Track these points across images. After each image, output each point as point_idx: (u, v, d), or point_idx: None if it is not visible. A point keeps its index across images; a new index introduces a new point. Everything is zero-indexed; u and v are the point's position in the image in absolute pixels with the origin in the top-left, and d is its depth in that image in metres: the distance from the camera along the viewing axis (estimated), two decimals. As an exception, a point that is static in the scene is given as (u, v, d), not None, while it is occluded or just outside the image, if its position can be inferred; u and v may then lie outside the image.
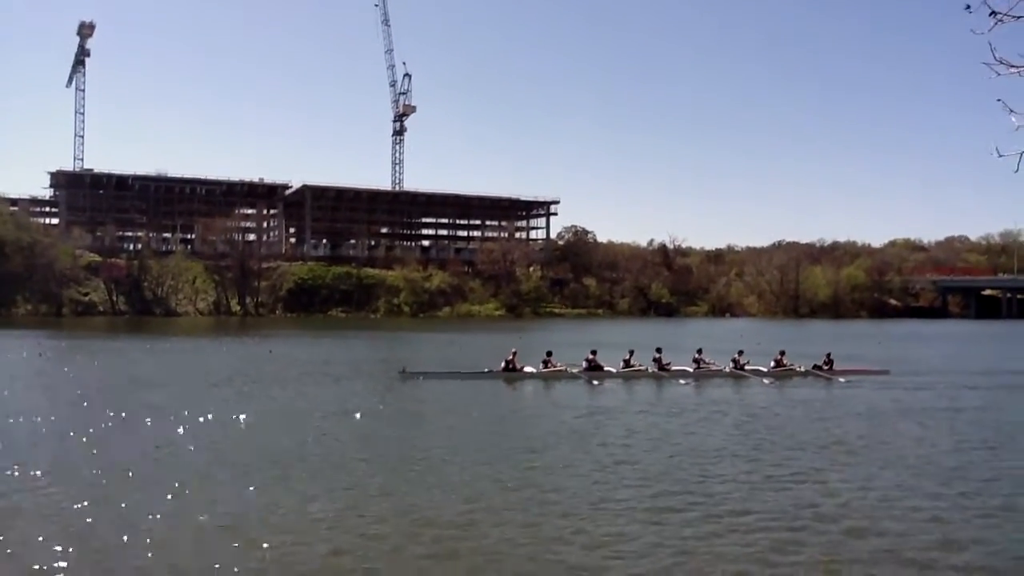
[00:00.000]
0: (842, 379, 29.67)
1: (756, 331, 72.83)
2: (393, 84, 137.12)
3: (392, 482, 12.87)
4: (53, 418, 18.88)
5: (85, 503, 11.24)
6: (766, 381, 29.16)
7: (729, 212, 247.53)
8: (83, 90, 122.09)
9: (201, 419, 18.44)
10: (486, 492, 12.32)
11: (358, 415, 19.64)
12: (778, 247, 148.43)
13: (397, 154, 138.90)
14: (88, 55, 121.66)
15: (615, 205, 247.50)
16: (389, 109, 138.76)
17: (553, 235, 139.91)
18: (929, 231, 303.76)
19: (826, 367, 31.30)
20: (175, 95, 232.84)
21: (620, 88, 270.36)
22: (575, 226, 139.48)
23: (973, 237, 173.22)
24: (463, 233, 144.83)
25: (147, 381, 27.21)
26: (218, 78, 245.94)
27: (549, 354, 29.84)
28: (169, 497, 11.61)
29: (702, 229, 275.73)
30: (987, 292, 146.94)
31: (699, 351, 31.58)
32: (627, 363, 30.03)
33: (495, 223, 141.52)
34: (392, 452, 15.49)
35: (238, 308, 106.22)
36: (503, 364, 28.96)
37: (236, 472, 13.36)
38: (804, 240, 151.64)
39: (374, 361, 36.34)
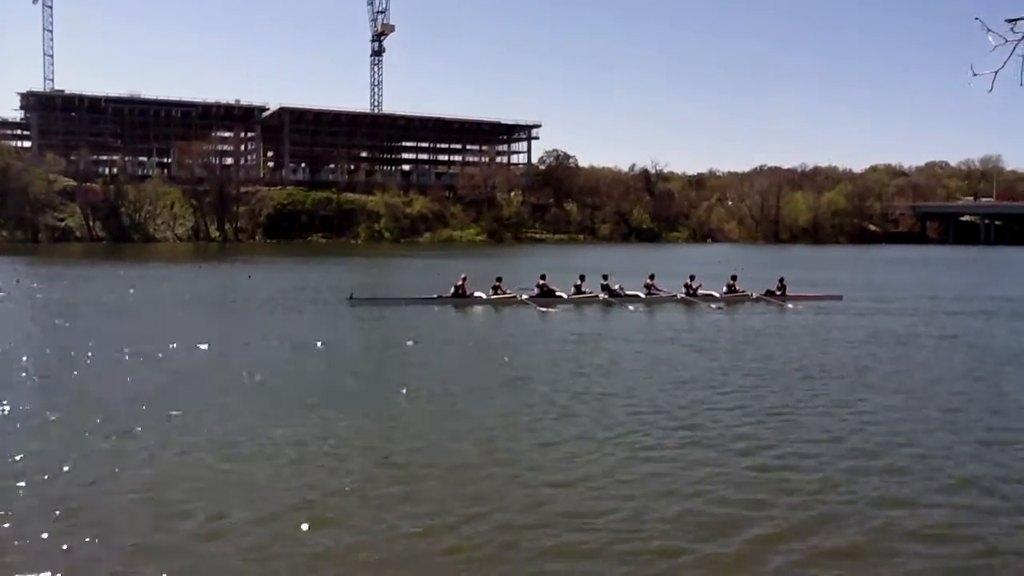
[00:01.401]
0: (790, 305, 29.79)
1: (736, 256, 73.17)
2: (371, 2, 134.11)
3: (328, 412, 12.73)
4: (12, 346, 18.77)
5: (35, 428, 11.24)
6: (713, 306, 29.27)
7: (711, 137, 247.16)
8: (51, 6, 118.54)
9: (171, 345, 18.38)
10: (417, 421, 12.39)
11: (319, 343, 19.39)
12: (760, 172, 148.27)
13: (376, 75, 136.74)
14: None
15: (597, 129, 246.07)
16: (367, 28, 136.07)
17: (535, 159, 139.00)
18: (910, 156, 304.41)
19: (779, 292, 31.47)
20: (146, 14, 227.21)
21: (603, 11, 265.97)
22: (557, 150, 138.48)
23: (953, 163, 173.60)
24: (444, 157, 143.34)
25: (121, 308, 27.03)
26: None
27: (499, 280, 29.90)
28: (117, 425, 11.61)
29: (684, 154, 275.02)
30: (966, 218, 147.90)
31: (651, 277, 31.55)
32: (578, 289, 30.01)
33: (476, 147, 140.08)
34: (332, 382, 15.43)
35: (217, 234, 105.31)
36: (452, 290, 28.94)
37: (195, 399, 13.33)
38: (786, 165, 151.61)
39: (355, 287, 36.09)
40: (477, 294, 29.15)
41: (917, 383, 15.71)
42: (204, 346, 18.68)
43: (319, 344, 19.28)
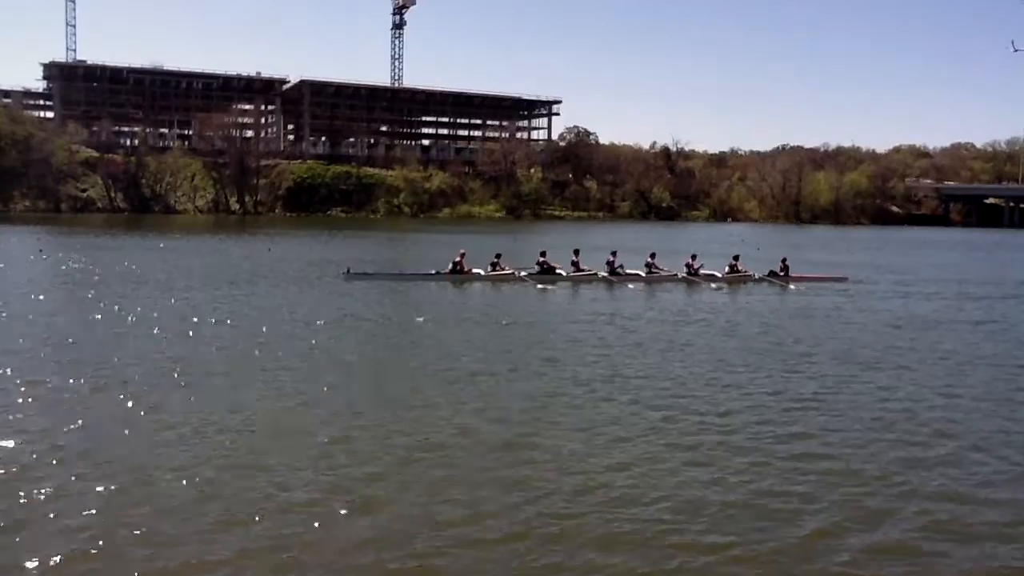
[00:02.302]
0: (792, 286, 29.33)
1: (757, 236, 72.75)
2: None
3: (311, 389, 12.77)
4: (30, 315, 18.93)
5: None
6: (713, 286, 28.99)
7: (733, 115, 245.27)
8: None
9: (192, 319, 18.48)
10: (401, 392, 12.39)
11: (320, 321, 19.19)
12: (781, 151, 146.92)
13: (396, 49, 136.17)
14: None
15: (618, 106, 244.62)
16: (388, 1, 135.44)
17: (555, 136, 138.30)
18: (935, 137, 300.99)
19: (782, 273, 30.93)
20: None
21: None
22: (577, 127, 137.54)
23: (979, 144, 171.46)
24: (464, 133, 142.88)
25: (140, 279, 27.12)
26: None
27: (498, 256, 29.72)
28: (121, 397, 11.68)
29: (706, 132, 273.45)
30: (990, 200, 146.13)
31: (652, 255, 31.26)
32: (576, 266, 29.79)
33: (496, 123, 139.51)
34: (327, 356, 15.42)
35: (237, 207, 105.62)
36: (451, 266, 28.76)
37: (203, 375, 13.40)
38: (808, 145, 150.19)
39: (376, 261, 36.11)
40: (476, 270, 28.95)
41: (945, 368, 15.44)
42: (230, 320, 18.76)
43: (324, 321, 19.14)
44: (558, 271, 29.34)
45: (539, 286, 27.26)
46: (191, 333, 17.20)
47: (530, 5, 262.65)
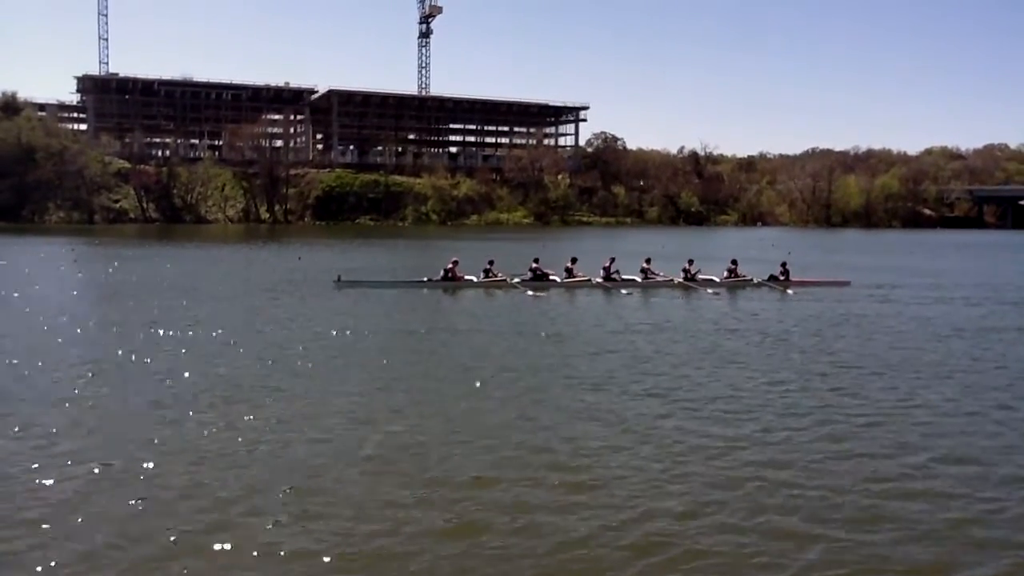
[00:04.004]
0: (790, 291, 28.46)
1: (787, 240, 72.27)
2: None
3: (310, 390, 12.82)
4: (64, 319, 19.18)
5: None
6: (710, 291, 28.17)
7: (762, 119, 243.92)
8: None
9: (227, 327, 18.64)
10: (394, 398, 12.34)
11: (333, 331, 18.98)
12: (811, 155, 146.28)
13: (423, 57, 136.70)
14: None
15: (645, 112, 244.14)
16: (415, 10, 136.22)
17: (582, 142, 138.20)
18: (967, 139, 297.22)
19: (782, 277, 30.16)
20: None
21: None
22: (604, 133, 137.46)
23: (1013, 145, 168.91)
24: (491, 140, 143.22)
25: (173, 287, 27.36)
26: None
27: (491, 263, 29.36)
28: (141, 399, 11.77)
29: (734, 136, 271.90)
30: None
31: (647, 260, 30.57)
32: (570, 272, 29.37)
33: (523, 130, 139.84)
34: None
35: (267, 215, 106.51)
36: (442, 273, 28.46)
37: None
38: (838, 148, 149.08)
39: (402, 269, 36.22)
40: (468, 278, 28.59)
41: (981, 379, 14.84)
42: (268, 328, 18.90)
43: (350, 331, 19.24)
44: (551, 277, 28.94)
45: (529, 292, 26.83)
46: (228, 341, 17.34)
47: (557, 12, 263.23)
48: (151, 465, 9.22)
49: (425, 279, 28.62)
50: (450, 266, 28.56)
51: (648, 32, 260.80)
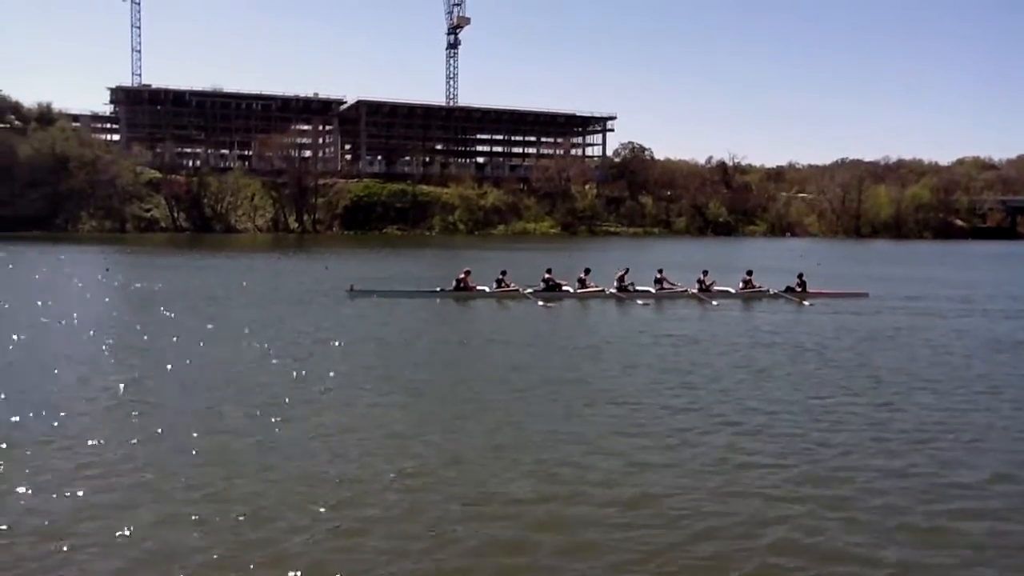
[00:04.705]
0: (807, 302, 27.95)
1: (816, 250, 71.70)
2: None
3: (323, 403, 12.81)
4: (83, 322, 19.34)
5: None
6: (715, 303, 27.62)
7: (791, 128, 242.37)
8: (139, 3, 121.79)
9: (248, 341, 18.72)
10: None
11: (338, 342, 19.07)
12: (841, 165, 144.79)
13: (451, 68, 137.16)
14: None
15: (673, 122, 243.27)
16: (443, 21, 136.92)
17: (609, 152, 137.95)
18: (1000, 149, 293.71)
19: (799, 288, 29.77)
20: (227, 8, 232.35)
21: (679, 2, 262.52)
22: (632, 143, 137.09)
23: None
24: (518, 150, 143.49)
25: (206, 296, 27.54)
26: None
27: (503, 273, 29.23)
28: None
29: (763, 146, 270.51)
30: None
31: (660, 271, 30.25)
32: (583, 283, 29.18)
33: (551, 140, 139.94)
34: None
35: (295, 225, 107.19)
36: (454, 283, 28.37)
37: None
38: (868, 158, 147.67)
39: (428, 279, 36.25)
40: (480, 287, 28.46)
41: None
42: (298, 339, 18.94)
43: (338, 342, 19.26)
44: (564, 288, 28.76)
45: (539, 303, 26.59)
46: (252, 344, 17.42)
47: (584, 22, 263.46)
48: (189, 477, 9.22)
49: (438, 289, 28.60)
50: (462, 276, 28.52)
51: (676, 42, 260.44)
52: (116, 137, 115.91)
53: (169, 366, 15.22)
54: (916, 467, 10.06)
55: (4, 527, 7.74)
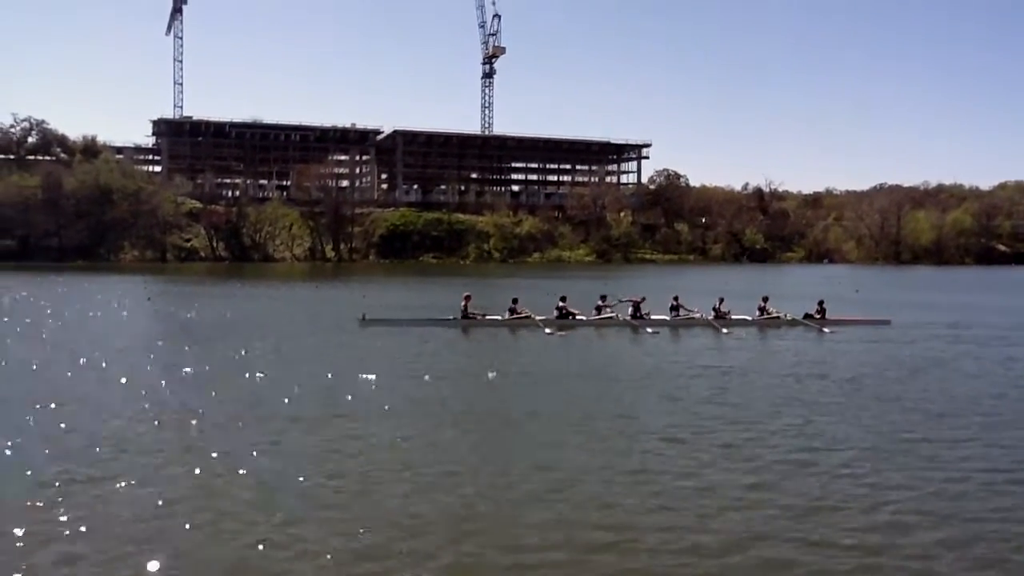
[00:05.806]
0: (827, 329, 27.30)
1: (855, 277, 70.88)
2: (482, 25, 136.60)
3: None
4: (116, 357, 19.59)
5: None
6: (725, 331, 26.89)
7: (828, 154, 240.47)
8: (181, 37, 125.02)
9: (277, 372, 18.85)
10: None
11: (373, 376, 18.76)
12: (879, 190, 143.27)
13: (487, 97, 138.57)
14: (185, 2, 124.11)
15: (709, 148, 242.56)
16: (478, 51, 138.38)
17: (645, 179, 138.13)
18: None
19: (818, 316, 29.15)
20: (266, 42, 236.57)
21: (714, 28, 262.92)
22: (667, 170, 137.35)
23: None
24: (553, 178, 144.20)
25: (249, 324, 27.77)
26: (308, 24, 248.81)
27: (515, 301, 28.92)
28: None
29: (800, 172, 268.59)
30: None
31: (675, 298, 29.65)
32: (599, 310, 28.87)
33: (585, 167, 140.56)
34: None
35: (332, 254, 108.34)
36: (462, 311, 28.06)
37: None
38: (907, 183, 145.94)
39: (458, 307, 36.30)
40: (491, 317, 28.20)
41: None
42: (329, 374, 19.05)
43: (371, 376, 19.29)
44: (578, 316, 28.45)
45: (547, 331, 26.16)
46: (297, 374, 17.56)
47: (618, 50, 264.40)
48: (240, 513, 9.30)
49: (450, 317, 28.42)
50: (463, 303, 28.32)
51: (711, 69, 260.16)
52: (158, 168, 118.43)
53: (218, 393, 15.38)
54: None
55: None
